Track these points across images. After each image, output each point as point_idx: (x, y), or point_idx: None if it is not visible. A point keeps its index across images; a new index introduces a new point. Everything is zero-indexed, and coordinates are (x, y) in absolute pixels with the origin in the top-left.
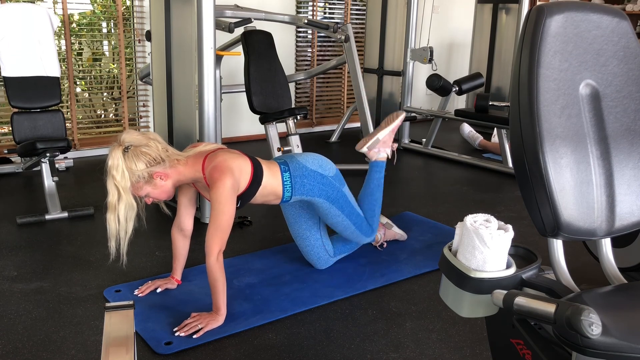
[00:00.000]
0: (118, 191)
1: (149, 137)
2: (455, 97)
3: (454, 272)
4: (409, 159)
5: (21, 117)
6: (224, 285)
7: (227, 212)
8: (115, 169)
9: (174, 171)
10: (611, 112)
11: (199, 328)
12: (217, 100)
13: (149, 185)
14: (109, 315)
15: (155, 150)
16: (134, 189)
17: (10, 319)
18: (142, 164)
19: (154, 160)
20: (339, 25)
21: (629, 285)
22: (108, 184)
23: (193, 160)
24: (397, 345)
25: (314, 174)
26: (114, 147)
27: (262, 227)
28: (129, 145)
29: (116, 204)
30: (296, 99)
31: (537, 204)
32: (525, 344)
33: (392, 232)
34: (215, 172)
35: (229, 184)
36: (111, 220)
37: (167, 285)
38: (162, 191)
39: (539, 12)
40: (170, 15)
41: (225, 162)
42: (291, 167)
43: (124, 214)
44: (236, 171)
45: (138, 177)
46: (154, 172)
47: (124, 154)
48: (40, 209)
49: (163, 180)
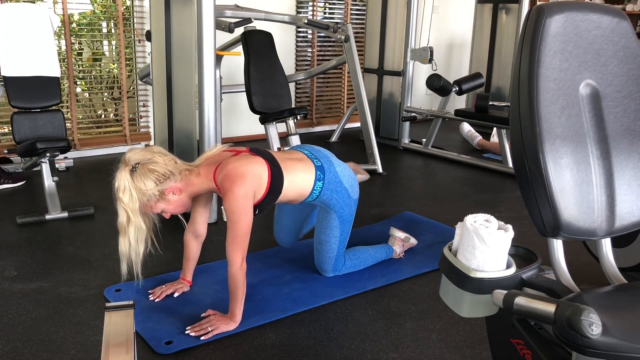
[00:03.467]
0: (127, 214)
1: (154, 152)
2: (455, 97)
3: (454, 272)
4: (409, 159)
5: (21, 117)
6: (243, 294)
7: (242, 221)
8: (122, 192)
9: (186, 183)
10: (611, 112)
11: (209, 330)
12: (217, 100)
13: (162, 202)
14: (109, 315)
15: (163, 166)
16: (147, 207)
17: (10, 319)
18: (152, 183)
19: (163, 176)
20: (339, 25)
21: (629, 285)
22: (117, 207)
23: (205, 169)
24: (397, 345)
25: (344, 192)
26: (121, 168)
27: (262, 227)
28: (136, 164)
29: (126, 227)
30: (296, 99)
31: (537, 204)
32: (525, 344)
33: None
34: (226, 181)
35: (241, 192)
36: (122, 243)
37: (182, 289)
38: (178, 205)
39: (539, 12)
40: (170, 15)
41: (237, 169)
42: (326, 177)
43: (134, 236)
44: (249, 178)
45: (149, 197)
46: (165, 189)
47: (131, 175)
48: (40, 209)
49: (176, 195)
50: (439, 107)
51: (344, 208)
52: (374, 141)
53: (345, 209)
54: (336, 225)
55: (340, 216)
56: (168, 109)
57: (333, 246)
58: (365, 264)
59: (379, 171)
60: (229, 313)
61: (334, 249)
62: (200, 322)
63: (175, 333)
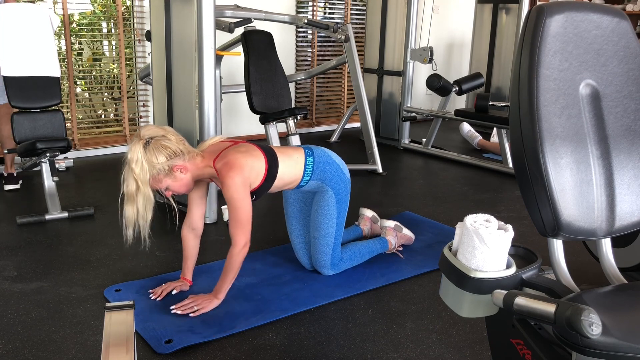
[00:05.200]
0: (137, 183)
1: (167, 130)
2: (455, 97)
3: (454, 272)
4: (409, 159)
5: (21, 117)
6: (234, 276)
7: (243, 207)
8: (135, 162)
9: (193, 164)
10: (611, 112)
11: (195, 309)
12: (217, 100)
13: (169, 177)
14: (109, 315)
15: (175, 143)
16: (155, 181)
17: (10, 319)
18: (163, 157)
19: (174, 153)
20: (339, 25)
21: (629, 285)
22: (127, 177)
23: (208, 155)
24: (397, 345)
25: (335, 166)
26: (135, 141)
27: (262, 227)
28: (150, 139)
29: (134, 196)
30: (296, 99)
31: (537, 204)
32: (525, 344)
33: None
34: (224, 169)
35: (238, 180)
36: (129, 210)
37: (182, 288)
38: (182, 184)
39: (539, 12)
40: (170, 15)
41: (236, 160)
42: (316, 153)
43: (143, 204)
44: (246, 169)
45: (159, 170)
46: (174, 165)
47: (145, 147)
48: (40, 209)
49: (183, 173)
50: (439, 107)
51: (339, 184)
52: (374, 141)
53: (341, 185)
54: (332, 203)
55: (336, 193)
56: (168, 109)
57: (330, 230)
58: (362, 258)
59: (379, 171)
60: (214, 290)
61: (331, 235)
62: (184, 301)
63: (174, 332)
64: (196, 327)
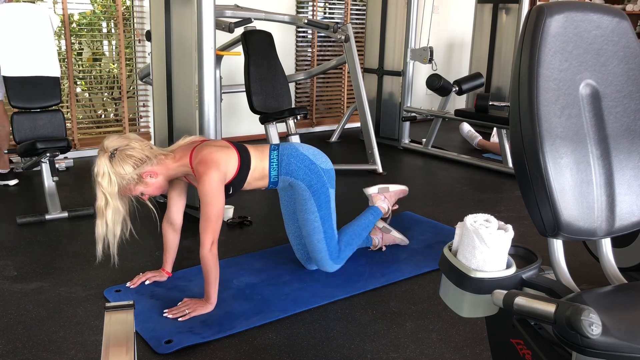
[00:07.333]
0: (105, 197)
1: (130, 138)
2: (455, 97)
3: (454, 272)
4: (409, 159)
5: (21, 117)
6: (216, 277)
7: (215, 204)
8: (101, 176)
9: (163, 167)
10: (611, 112)
11: (186, 313)
12: (217, 100)
13: (141, 185)
14: (109, 315)
15: (140, 151)
16: (127, 191)
17: (10, 319)
18: (130, 167)
19: (140, 161)
20: (339, 25)
21: (629, 285)
22: (96, 191)
23: (180, 154)
24: (397, 345)
25: (302, 157)
26: (100, 155)
27: (262, 227)
28: (114, 150)
29: (104, 210)
30: (296, 99)
31: (537, 204)
32: (525, 344)
33: (391, 236)
34: (201, 166)
35: (215, 176)
36: (99, 225)
37: (156, 278)
38: (155, 187)
39: (539, 12)
40: (170, 15)
41: (211, 154)
42: (281, 147)
43: (112, 218)
44: (222, 163)
45: (129, 180)
46: (143, 172)
47: (110, 160)
48: (40, 209)
49: (153, 178)
50: (439, 107)
51: (309, 175)
52: (374, 141)
53: (312, 177)
54: (308, 197)
55: (309, 186)
56: (168, 109)
57: (315, 225)
58: (359, 237)
59: (379, 171)
60: (205, 296)
61: (319, 230)
62: (177, 305)
63: (174, 332)
64: (196, 328)
